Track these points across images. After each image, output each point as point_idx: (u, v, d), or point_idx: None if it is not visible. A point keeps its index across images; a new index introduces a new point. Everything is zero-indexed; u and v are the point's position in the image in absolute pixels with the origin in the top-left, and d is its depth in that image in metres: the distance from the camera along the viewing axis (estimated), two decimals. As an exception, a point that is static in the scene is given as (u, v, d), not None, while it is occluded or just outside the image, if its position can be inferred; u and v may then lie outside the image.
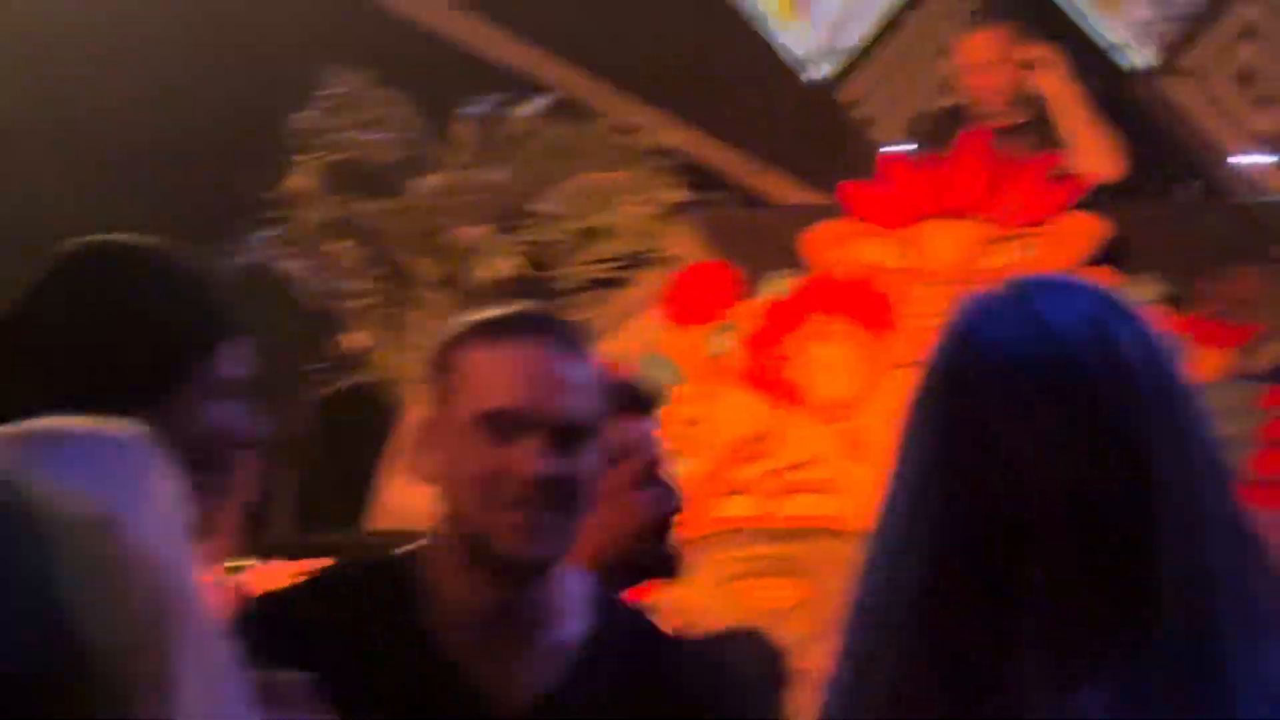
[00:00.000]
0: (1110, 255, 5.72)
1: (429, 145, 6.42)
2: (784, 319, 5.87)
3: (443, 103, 6.47)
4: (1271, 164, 6.46)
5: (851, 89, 7.63)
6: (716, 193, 6.61)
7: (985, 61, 6.29)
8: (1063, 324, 1.45)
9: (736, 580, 5.54)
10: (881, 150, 6.50)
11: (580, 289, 6.28)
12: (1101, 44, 7.26)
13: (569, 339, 2.20)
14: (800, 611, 5.36)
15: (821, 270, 5.91)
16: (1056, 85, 6.24)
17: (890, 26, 7.65)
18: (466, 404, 2.16)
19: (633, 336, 6.14)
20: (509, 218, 6.29)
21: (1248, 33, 7.15)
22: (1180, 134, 6.55)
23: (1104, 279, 5.62)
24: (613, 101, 7.23)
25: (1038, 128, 6.24)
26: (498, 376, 2.15)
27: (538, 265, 6.26)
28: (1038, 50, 6.27)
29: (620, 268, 6.26)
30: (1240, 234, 5.58)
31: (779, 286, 5.93)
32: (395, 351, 6.15)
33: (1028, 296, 1.48)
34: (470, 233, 6.16)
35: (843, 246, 5.92)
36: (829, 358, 5.65)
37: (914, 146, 6.77)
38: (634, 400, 2.72)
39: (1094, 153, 6.14)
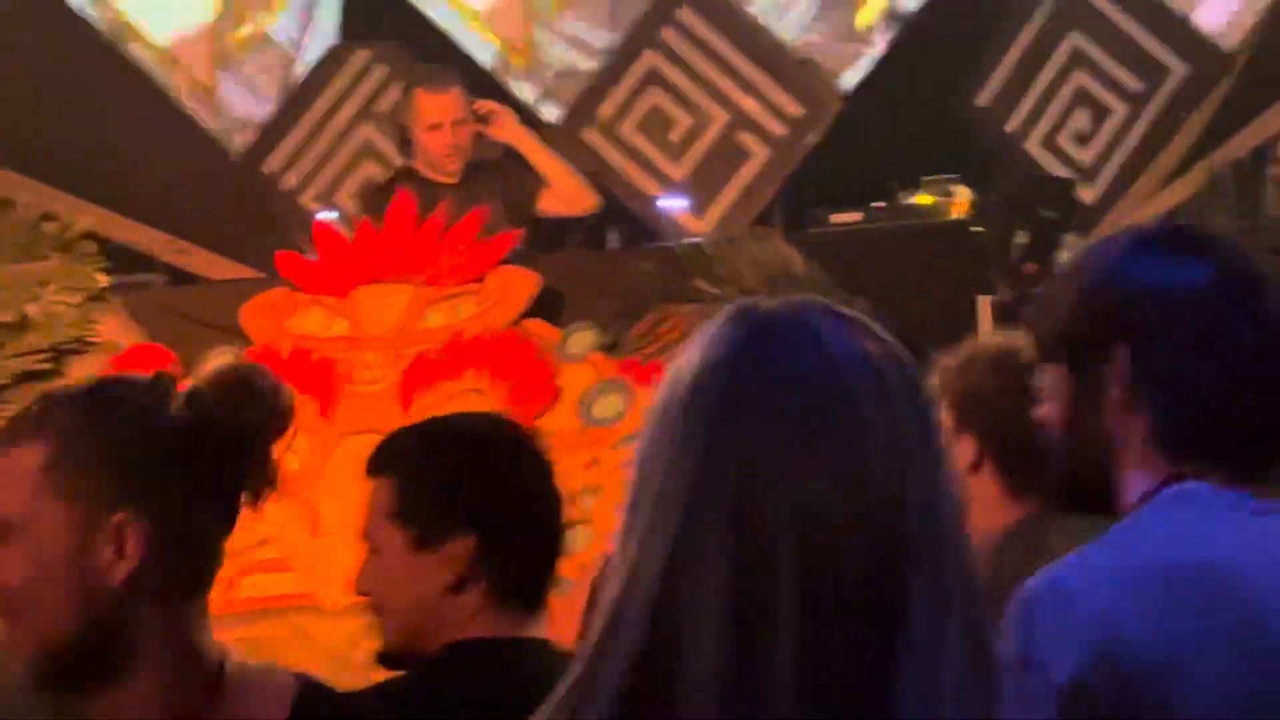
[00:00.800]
0: (544, 306, 5.83)
1: None
2: (227, 397, 5.78)
3: None
4: (687, 207, 6.69)
5: (274, 159, 7.59)
6: (144, 274, 6.48)
7: (445, 122, 6.36)
8: (840, 351, 1.45)
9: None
10: (315, 218, 6.47)
11: (9, 384, 6.06)
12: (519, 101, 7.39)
13: None
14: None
15: (261, 344, 5.85)
16: (516, 134, 6.41)
17: (303, 95, 7.63)
18: None
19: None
20: (-74, 315, 6.04)
21: (653, 81, 7.40)
22: (602, 184, 6.72)
23: (540, 331, 5.74)
24: (28, 189, 7.02)
25: (497, 179, 6.38)
26: None
27: (-38, 363, 6.03)
28: (488, 105, 6.43)
29: (49, 359, 6.06)
30: (666, 276, 5.75)
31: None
32: None
33: (805, 320, 1.47)
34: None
35: (281, 318, 5.87)
36: (276, 432, 5.60)
37: (337, 214, 6.79)
38: None
39: (568, 189, 6.32)
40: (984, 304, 5.57)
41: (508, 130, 6.44)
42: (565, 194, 6.32)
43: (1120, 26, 7.18)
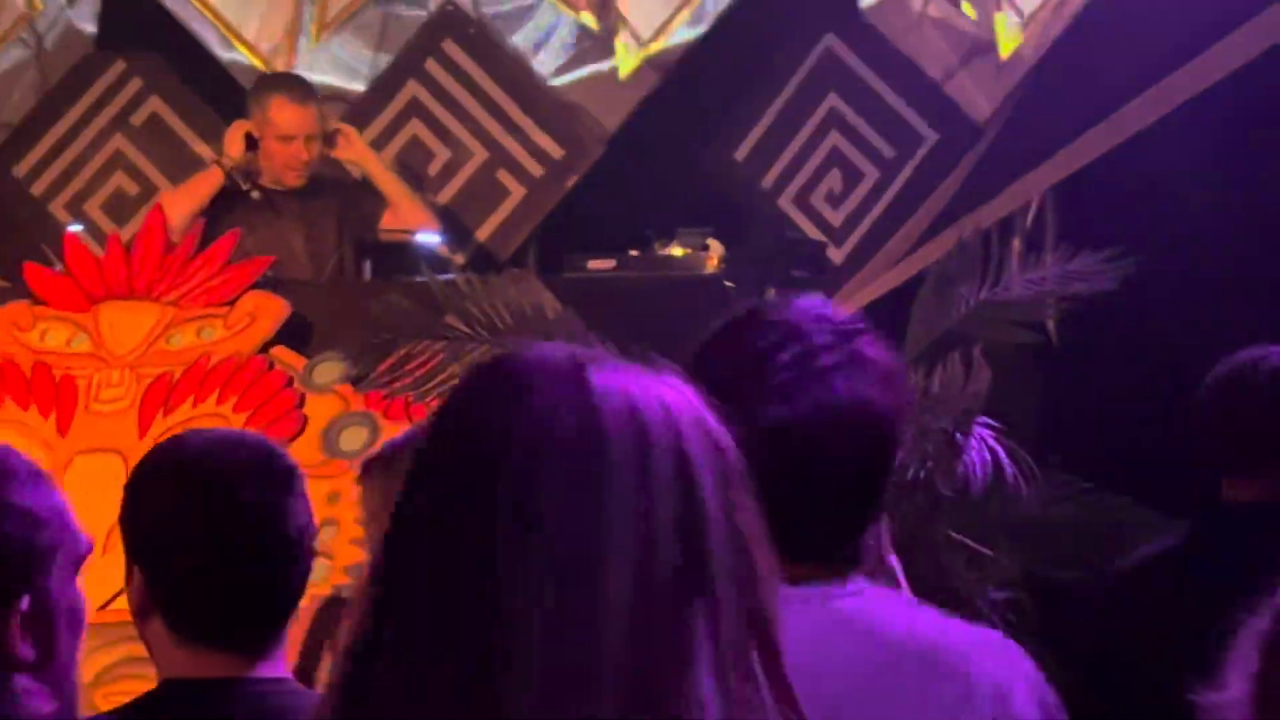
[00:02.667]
0: (291, 335, 5.80)
1: None
2: (-39, 409, 5.67)
3: None
4: (444, 241, 6.67)
5: (22, 165, 7.44)
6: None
7: (299, 135, 6.34)
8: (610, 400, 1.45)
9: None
10: (65, 230, 6.37)
11: None
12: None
13: None
14: None
15: (2, 356, 5.74)
16: (361, 153, 6.57)
17: (56, 100, 7.50)
18: None
19: None
20: None
21: (414, 111, 7.39)
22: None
23: (287, 359, 5.71)
24: None
25: (337, 195, 6.50)
26: None
27: None
28: (337, 123, 6.59)
29: None
30: (419, 311, 5.74)
31: (-45, 375, 5.73)
32: None
33: (578, 368, 1.47)
34: None
35: (23, 331, 5.77)
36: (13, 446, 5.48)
37: (83, 227, 6.69)
38: None
39: (408, 209, 6.48)
40: (732, 358, 5.64)
41: (354, 149, 6.54)
42: (406, 214, 6.44)
43: (876, 91, 7.32)
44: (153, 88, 7.48)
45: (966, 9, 7.24)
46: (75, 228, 6.43)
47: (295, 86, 6.53)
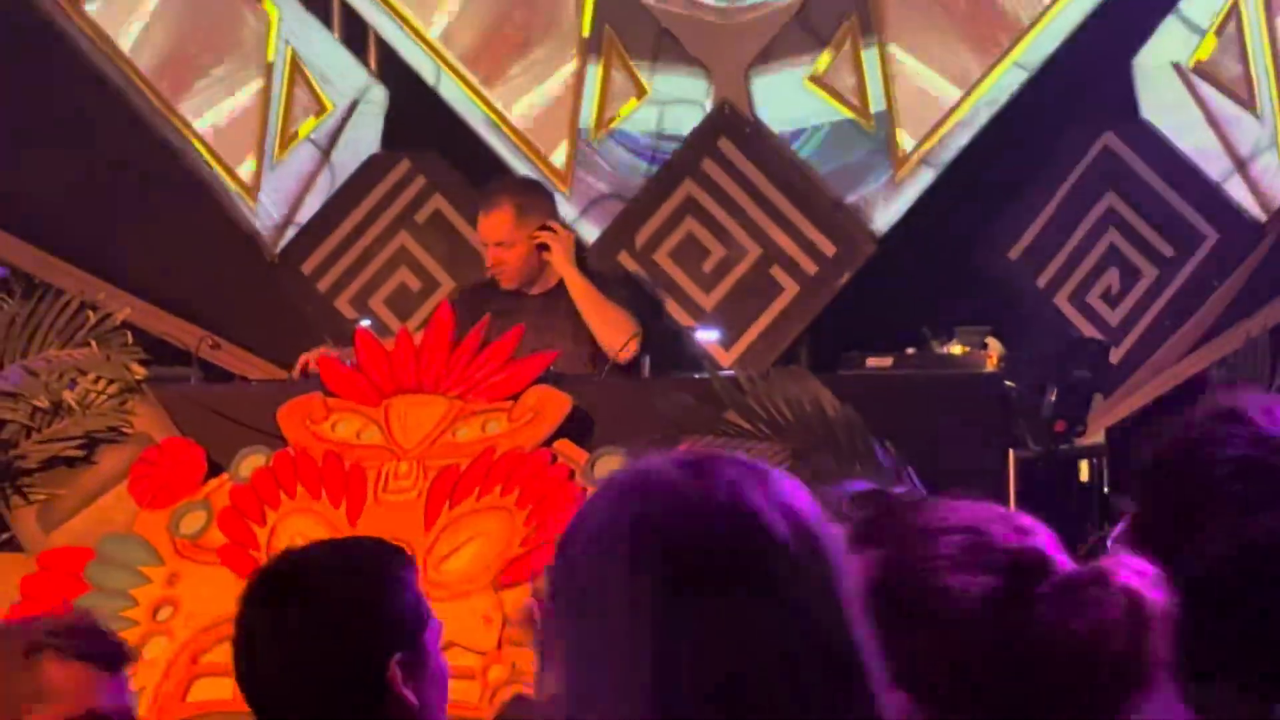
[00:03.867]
0: (574, 429, 5.88)
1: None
2: (259, 496, 5.84)
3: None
4: (719, 339, 6.74)
5: (310, 261, 7.67)
6: (179, 367, 6.53)
7: (489, 241, 6.47)
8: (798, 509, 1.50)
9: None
10: (355, 325, 6.54)
11: (42, 468, 6.11)
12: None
13: None
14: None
15: (296, 446, 5.90)
16: (561, 266, 6.47)
17: (343, 200, 7.72)
18: None
19: (100, 517, 6.01)
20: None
21: (690, 210, 7.48)
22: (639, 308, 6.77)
23: (569, 453, 5.79)
24: (72, 276, 7.10)
25: (552, 302, 6.46)
26: None
27: (-5, 444, 6.08)
28: (546, 233, 6.48)
29: (81, 446, 6.11)
30: (699, 408, 5.80)
31: (253, 463, 5.90)
32: None
33: (763, 475, 1.52)
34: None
35: (316, 422, 5.93)
36: (303, 534, 5.63)
37: (370, 321, 6.85)
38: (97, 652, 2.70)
39: (603, 336, 6.37)
40: (1013, 458, 5.63)
41: (555, 260, 6.51)
42: (602, 338, 6.39)
43: (1155, 190, 7.28)
44: (436, 186, 7.67)
45: (1249, 111, 7.18)
46: (364, 323, 6.59)
47: (486, 194, 6.68)
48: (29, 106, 7.57)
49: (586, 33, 7.60)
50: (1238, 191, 7.22)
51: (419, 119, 7.77)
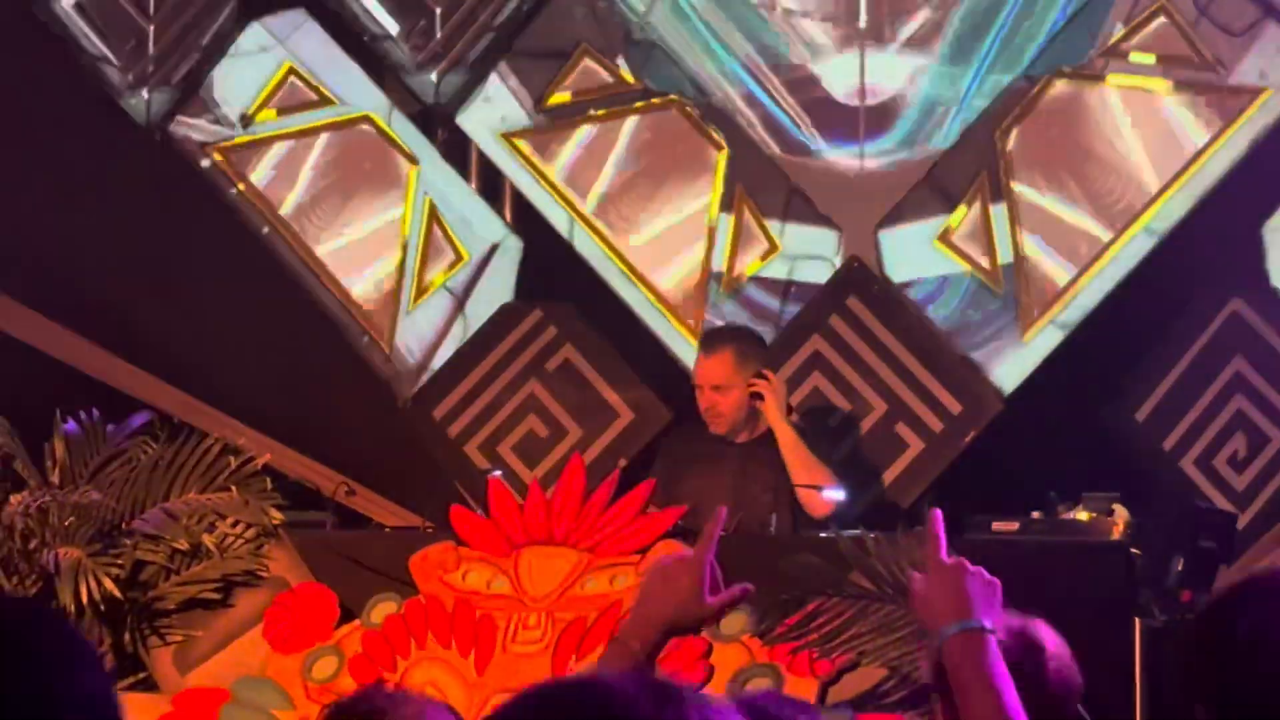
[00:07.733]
0: (700, 584, 5.92)
1: (22, 463, 6.37)
2: (390, 643, 5.94)
3: (38, 420, 6.45)
4: (844, 495, 6.78)
5: (441, 407, 7.79)
6: (314, 512, 6.66)
7: (704, 386, 6.55)
8: None
9: None
10: (488, 476, 6.64)
11: (179, 609, 6.24)
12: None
13: None
14: None
15: (427, 594, 6.00)
16: (771, 416, 6.51)
17: (475, 348, 7.84)
18: None
19: (235, 660, 6.12)
20: (106, 537, 6.24)
21: (816, 365, 7.55)
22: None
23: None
24: (214, 420, 7.26)
25: (756, 451, 6.52)
26: None
27: (135, 585, 6.21)
28: (762, 382, 6.53)
29: (218, 589, 6.24)
30: (824, 567, 5.85)
31: (385, 609, 6.01)
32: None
33: None
34: (65, 553, 6.08)
35: (448, 571, 6.03)
36: (433, 683, 5.72)
37: (500, 472, 6.94)
38: None
39: (803, 493, 6.42)
40: (1139, 627, 5.64)
41: (767, 410, 6.54)
42: (804, 495, 6.43)
43: (1281, 355, 7.30)
44: (566, 336, 7.79)
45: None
46: (496, 473, 6.69)
47: (708, 338, 6.79)
48: (177, 251, 7.78)
49: (720, 189, 7.73)
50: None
51: (552, 270, 7.90)
